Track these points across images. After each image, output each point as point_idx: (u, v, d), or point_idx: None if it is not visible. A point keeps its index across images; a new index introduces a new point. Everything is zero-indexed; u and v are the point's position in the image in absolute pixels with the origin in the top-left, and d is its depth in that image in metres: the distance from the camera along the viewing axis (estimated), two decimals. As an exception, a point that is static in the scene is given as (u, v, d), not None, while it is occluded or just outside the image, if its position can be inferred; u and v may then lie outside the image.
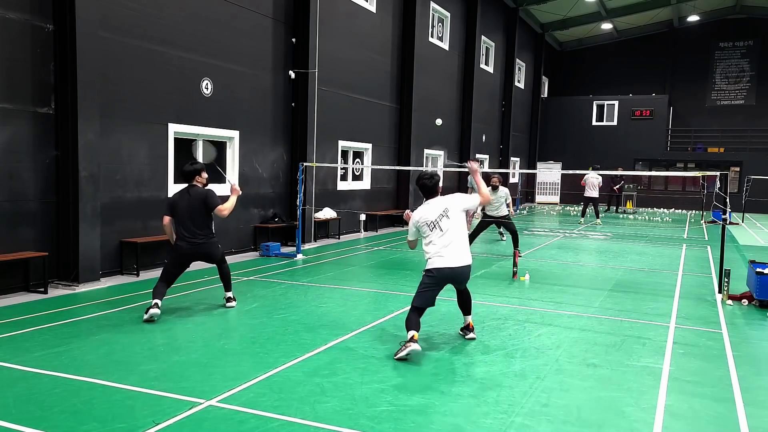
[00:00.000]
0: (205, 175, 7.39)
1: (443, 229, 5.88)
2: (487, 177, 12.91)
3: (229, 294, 7.45)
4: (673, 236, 17.13)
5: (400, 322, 6.81)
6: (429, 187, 6.17)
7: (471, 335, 6.28)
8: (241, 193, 7.55)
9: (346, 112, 15.02)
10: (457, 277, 5.94)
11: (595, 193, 20.04)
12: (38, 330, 6.19)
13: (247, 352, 5.65)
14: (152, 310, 6.57)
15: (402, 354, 5.43)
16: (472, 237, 12.05)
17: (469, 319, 6.34)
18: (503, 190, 12.38)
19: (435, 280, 5.87)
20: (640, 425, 4.25)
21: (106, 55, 8.81)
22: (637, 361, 5.65)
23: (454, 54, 21.34)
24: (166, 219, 7.14)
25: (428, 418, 4.24)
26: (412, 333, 5.56)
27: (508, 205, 12.47)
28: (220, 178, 11.49)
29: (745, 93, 31.15)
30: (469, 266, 5.97)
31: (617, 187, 26.28)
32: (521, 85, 29.42)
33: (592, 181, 19.89)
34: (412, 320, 5.68)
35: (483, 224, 12.45)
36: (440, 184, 6.37)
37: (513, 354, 5.77)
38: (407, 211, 6.54)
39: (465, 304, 6.30)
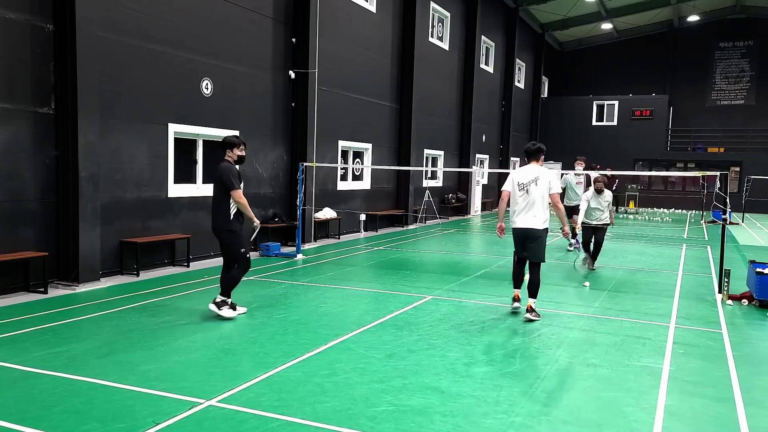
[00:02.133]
0: (237, 151, 6.79)
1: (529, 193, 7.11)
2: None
3: (218, 298, 6.80)
4: (673, 236, 17.13)
5: (400, 322, 6.81)
6: (531, 151, 7.40)
7: (528, 316, 7.09)
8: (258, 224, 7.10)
9: (346, 112, 15.02)
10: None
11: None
12: (38, 330, 6.18)
13: (247, 352, 5.64)
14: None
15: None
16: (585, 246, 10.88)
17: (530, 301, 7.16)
18: (608, 194, 10.68)
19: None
20: (640, 425, 4.25)
21: (106, 55, 8.81)
22: (637, 361, 5.64)
23: (454, 54, 21.34)
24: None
25: (428, 418, 4.24)
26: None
27: (610, 212, 10.79)
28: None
29: (745, 93, 31.15)
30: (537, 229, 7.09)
31: (614, 186, 26.27)
32: (521, 85, 29.42)
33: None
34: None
35: (585, 232, 10.84)
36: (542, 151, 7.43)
37: (513, 354, 5.77)
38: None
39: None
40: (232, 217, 6.66)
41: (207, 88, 10.73)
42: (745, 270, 9.48)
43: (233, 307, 6.88)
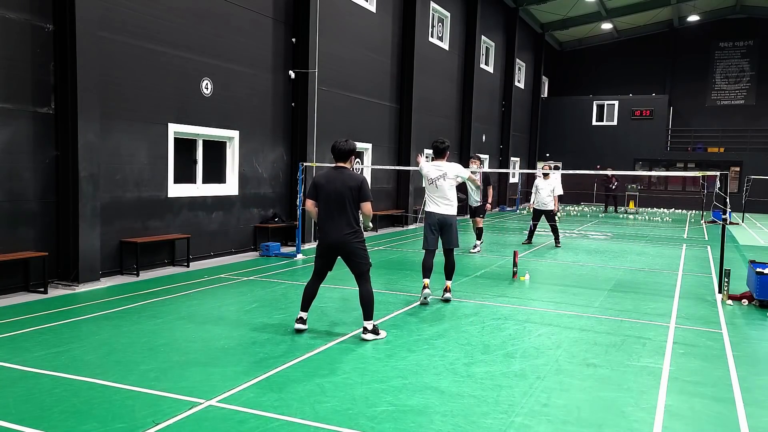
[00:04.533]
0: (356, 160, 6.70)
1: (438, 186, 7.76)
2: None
3: (368, 324, 6.09)
4: (673, 236, 17.13)
5: (400, 322, 6.81)
6: (439, 150, 7.88)
7: (447, 295, 7.85)
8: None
9: (346, 112, 15.02)
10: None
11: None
12: (38, 330, 6.18)
13: (247, 352, 5.64)
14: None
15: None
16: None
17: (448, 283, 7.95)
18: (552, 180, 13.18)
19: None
20: (640, 425, 4.25)
21: (106, 55, 8.81)
22: (637, 361, 5.64)
23: (454, 54, 21.34)
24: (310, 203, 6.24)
25: (428, 418, 4.24)
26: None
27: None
28: (220, 178, 11.51)
29: (745, 93, 31.15)
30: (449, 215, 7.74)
31: (613, 186, 26.30)
32: (521, 85, 29.42)
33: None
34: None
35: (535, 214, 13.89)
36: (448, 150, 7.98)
37: (513, 354, 5.77)
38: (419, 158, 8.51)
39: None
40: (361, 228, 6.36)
41: (207, 88, 10.73)
42: (745, 270, 9.48)
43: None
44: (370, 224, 6.49)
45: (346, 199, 6.04)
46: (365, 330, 6.09)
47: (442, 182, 7.78)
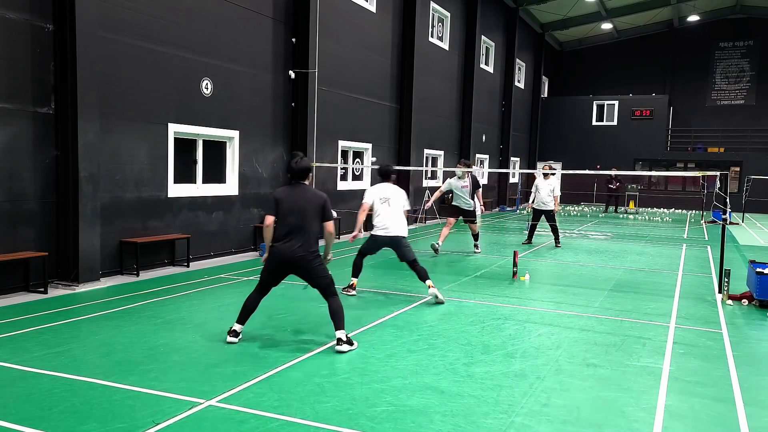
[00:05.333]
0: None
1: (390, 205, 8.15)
2: None
3: (342, 335, 5.81)
4: (673, 236, 17.13)
5: (400, 322, 6.81)
6: (385, 173, 8.34)
7: (432, 290, 7.86)
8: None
9: (346, 112, 15.02)
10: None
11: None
12: (38, 330, 6.18)
13: (247, 352, 5.64)
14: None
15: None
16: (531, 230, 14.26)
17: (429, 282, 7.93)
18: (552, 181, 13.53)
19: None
20: (640, 425, 4.25)
21: (106, 55, 8.81)
22: (637, 361, 5.64)
23: (454, 54, 21.34)
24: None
25: (428, 418, 4.24)
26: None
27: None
28: (220, 178, 11.51)
29: (745, 93, 31.15)
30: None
31: (614, 186, 26.30)
32: (521, 85, 29.42)
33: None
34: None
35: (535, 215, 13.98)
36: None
37: (513, 354, 5.77)
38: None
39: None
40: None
41: (207, 88, 10.73)
42: (745, 270, 9.49)
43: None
44: (331, 255, 6.14)
45: (308, 216, 5.79)
46: (339, 341, 5.74)
47: (394, 202, 8.17)
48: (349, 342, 5.84)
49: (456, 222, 12.71)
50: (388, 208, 8.11)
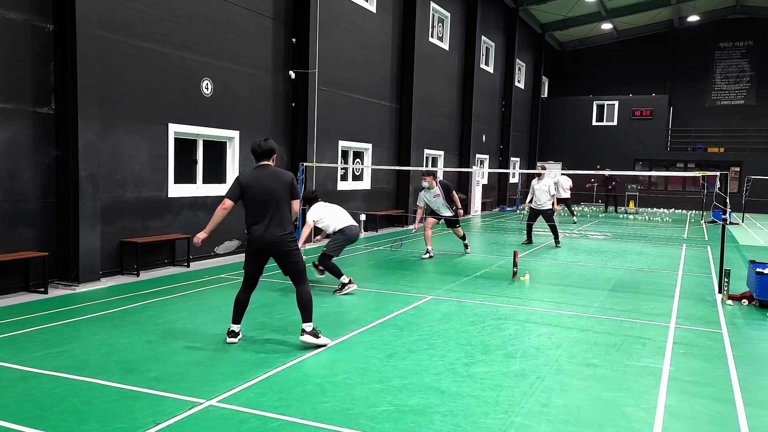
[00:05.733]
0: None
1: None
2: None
3: (307, 326, 5.79)
4: (673, 236, 17.13)
5: (400, 322, 6.81)
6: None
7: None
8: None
9: (346, 112, 15.02)
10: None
11: (567, 195, 20.30)
12: (38, 330, 6.19)
13: (247, 352, 5.64)
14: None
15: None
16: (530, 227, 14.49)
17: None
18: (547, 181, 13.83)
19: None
20: (640, 425, 4.25)
21: (107, 55, 8.81)
22: (637, 361, 5.64)
23: (454, 54, 21.34)
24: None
25: (428, 418, 4.24)
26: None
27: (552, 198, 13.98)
28: (220, 178, 11.50)
29: (745, 93, 31.15)
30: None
31: (611, 186, 26.31)
32: (521, 85, 29.42)
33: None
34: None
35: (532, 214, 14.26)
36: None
37: (513, 354, 5.77)
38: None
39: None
40: None
41: (207, 88, 10.73)
42: (745, 270, 9.49)
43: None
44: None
45: (280, 196, 5.70)
46: (303, 332, 5.73)
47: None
48: (314, 334, 5.77)
49: (436, 223, 12.34)
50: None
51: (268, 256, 5.83)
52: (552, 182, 14.39)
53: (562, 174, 20.58)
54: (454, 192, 12.10)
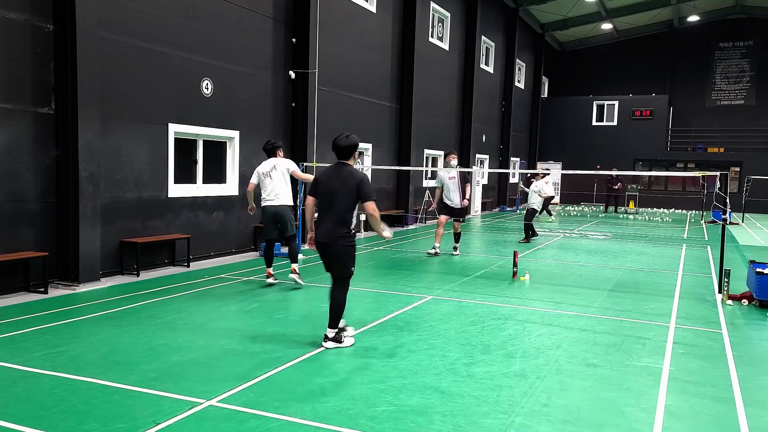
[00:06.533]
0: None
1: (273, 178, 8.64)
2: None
3: (330, 332, 5.89)
4: (673, 236, 17.13)
5: (400, 322, 6.81)
6: (268, 149, 8.83)
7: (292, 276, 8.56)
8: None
9: (346, 112, 15.02)
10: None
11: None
12: (38, 330, 6.19)
13: (247, 352, 5.64)
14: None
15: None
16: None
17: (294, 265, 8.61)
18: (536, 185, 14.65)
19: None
20: (640, 425, 4.25)
21: (106, 55, 8.81)
22: (637, 361, 5.65)
23: (454, 54, 21.34)
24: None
25: (428, 418, 4.24)
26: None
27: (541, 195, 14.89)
28: (220, 178, 11.51)
29: (745, 93, 31.15)
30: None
31: (616, 186, 26.31)
32: (521, 85, 29.42)
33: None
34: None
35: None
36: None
37: (513, 354, 5.77)
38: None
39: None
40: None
41: (207, 88, 10.73)
42: (745, 270, 9.49)
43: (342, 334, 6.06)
44: (383, 230, 5.85)
45: (339, 197, 5.70)
46: (326, 338, 5.78)
47: (274, 173, 8.70)
48: (337, 339, 5.84)
49: (449, 220, 12.54)
50: (271, 181, 8.66)
51: (325, 252, 5.87)
52: (544, 183, 14.97)
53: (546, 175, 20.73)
54: (468, 184, 12.40)
